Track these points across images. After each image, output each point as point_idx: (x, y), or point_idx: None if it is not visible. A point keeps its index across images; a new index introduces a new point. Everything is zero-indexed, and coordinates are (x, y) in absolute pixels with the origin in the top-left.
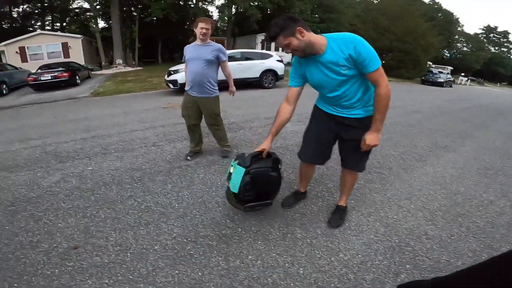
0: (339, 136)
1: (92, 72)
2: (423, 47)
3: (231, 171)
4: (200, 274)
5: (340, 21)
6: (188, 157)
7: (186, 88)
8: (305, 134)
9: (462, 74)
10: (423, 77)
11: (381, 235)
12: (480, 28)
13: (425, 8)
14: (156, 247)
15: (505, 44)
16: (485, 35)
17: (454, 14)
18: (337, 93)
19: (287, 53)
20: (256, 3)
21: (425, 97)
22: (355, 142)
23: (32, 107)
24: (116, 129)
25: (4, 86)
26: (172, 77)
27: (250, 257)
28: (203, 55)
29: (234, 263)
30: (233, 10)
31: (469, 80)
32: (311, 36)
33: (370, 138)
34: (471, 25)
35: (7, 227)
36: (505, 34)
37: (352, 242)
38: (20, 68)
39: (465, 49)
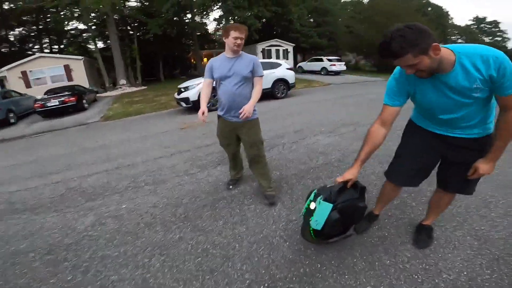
0: (444, 157)
1: (97, 95)
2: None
3: (312, 207)
4: None
5: (337, 24)
6: (230, 186)
7: (220, 113)
8: (400, 153)
9: None
10: None
11: (477, 248)
12: (470, 20)
13: (416, 4)
14: None
15: (498, 34)
16: (476, 26)
17: (443, 8)
18: (455, 115)
19: (406, 73)
20: (254, 12)
21: None
22: (467, 165)
23: (44, 136)
24: (139, 157)
25: (12, 115)
26: (183, 95)
27: None
28: (239, 70)
29: None
30: (231, 21)
31: None
32: (442, 52)
33: (485, 168)
34: (460, 17)
35: (52, 281)
36: (495, 23)
37: (451, 260)
38: (25, 94)
39: (459, 41)
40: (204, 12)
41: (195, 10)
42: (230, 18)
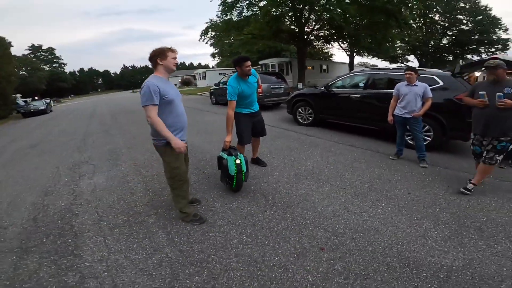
0: (253, 122)
1: None
2: (6, 78)
3: (238, 162)
4: None
5: None
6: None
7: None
8: (241, 130)
9: (36, 98)
10: (21, 111)
11: None
12: (27, 49)
13: None
14: None
15: (55, 60)
16: (33, 55)
17: (6, 39)
18: (252, 99)
19: (248, 70)
20: None
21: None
22: (262, 122)
23: None
24: None
25: None
26: None
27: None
28: (177, 90)
29: None
30: None
31: (54, 101)
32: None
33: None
34: (18, 46)
35: None
36: (51, 50)
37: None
38: None
39: (22, 72)
40: None
41: None
42: None
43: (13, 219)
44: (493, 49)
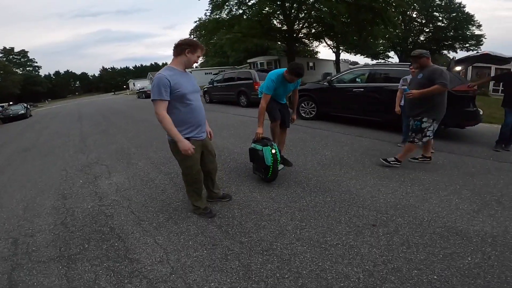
0: (281, 111)
1: None
2: None
3: (273, 151)
4: None
5: None
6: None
7: (190, 134)
8: (269, 109)
9: (11, 103)
10: (0, 116)
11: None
12: None
13: None
14: None
15: (29, 63)
16: (5, 58)
17: None
18: (284, 95)
19: (291, 80)
20: None
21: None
22: (288, 113)
23: None
24: None
25: None
26: None
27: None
28: (196, 84)
29: None
30: None
31: (30, 106)
32: None
33: (294, 117)
34: None
35: None
36: (24, 53)
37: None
38: None
39: None
40: None
41: None
42: None
43: (37, 226)
44: (467, 45)
